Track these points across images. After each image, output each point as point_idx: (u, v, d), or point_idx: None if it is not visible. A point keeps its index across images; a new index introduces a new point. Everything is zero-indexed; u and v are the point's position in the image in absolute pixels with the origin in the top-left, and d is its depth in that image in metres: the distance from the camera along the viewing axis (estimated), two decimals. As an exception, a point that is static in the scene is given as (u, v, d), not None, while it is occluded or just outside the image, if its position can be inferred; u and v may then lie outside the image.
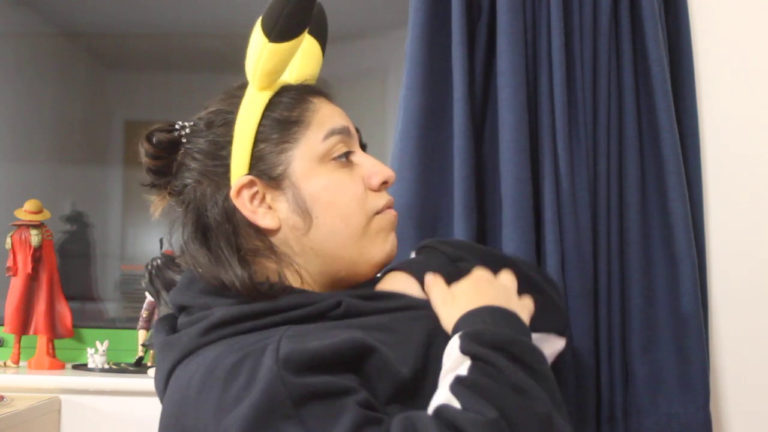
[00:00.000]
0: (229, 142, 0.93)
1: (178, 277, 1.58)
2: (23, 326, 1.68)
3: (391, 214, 0.98)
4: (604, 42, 1.34)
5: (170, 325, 0.96)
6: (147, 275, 1.62)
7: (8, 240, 1.69)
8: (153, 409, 1.52)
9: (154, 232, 2.12)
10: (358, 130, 1.07)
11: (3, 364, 1.70)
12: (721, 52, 1.44)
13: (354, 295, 0.91)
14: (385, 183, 0.97)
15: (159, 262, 1.61)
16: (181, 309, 0.96)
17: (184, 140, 0.96)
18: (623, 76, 1.35)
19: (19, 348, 1.69)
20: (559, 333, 1.03)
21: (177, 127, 0.97)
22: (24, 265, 1.68)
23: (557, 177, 1.29)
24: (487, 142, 1.35)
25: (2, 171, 2.08)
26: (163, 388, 0.92)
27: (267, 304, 0.88)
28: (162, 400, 0.92)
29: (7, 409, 1.39)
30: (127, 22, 2.13)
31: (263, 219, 0.92)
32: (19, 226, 1.70)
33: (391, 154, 1.35)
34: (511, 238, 1.27)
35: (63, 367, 1.68)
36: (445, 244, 1.02)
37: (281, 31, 0.91)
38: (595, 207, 1.33)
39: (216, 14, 2.09)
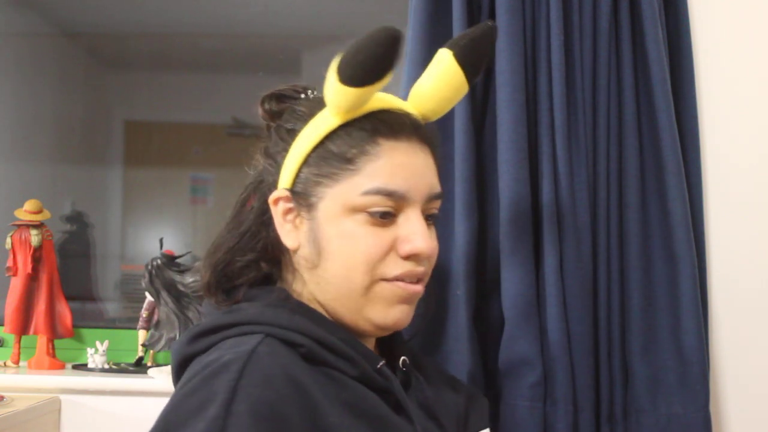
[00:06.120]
0: (288, 150, 0.93)
1: (177, 277, 1.60)
2: (23, 326, 1.68)
3: (402, 287, 0.91)
4: (603, 42, 1.34)
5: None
6: (147, 275, 1.63)
7: (8, 240, 1.69)
8: (153, 409, 1.52)
9: (154, 232, 2.13)
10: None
11: (3, 364, 1.70)
12: (721, 52, 1.44)
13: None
14: (415, 255, 0.90)
15: (159, 262, 1.62)
16: None
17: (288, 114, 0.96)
18: (623, 76, 1.35)
19: (19, 348, 1.69)
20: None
21: (298, 95, 0.97)
22: (24, 265, 1.68)
23: (556, 177, 1.29)
24: (487, 142, 1.35)
25: (2, 171, 2.08)
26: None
27: (239, 315, 0.89)
28: None
29: (7, 409, 1.39)
30: (127, 22, 2.13)
31: (286, 235, 0.93)
32: (19, 226, 1.70)
33: (391, 154, 1.35)
34: (508, 238, 1.27)
35: (63, 367, 1.68)
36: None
37: (349, 77, 0.86)
38: (594, 207, 1.33)
39: (216, 14, 2.09)
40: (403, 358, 0.97)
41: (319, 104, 0.94)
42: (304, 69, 2.03)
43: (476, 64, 0.96)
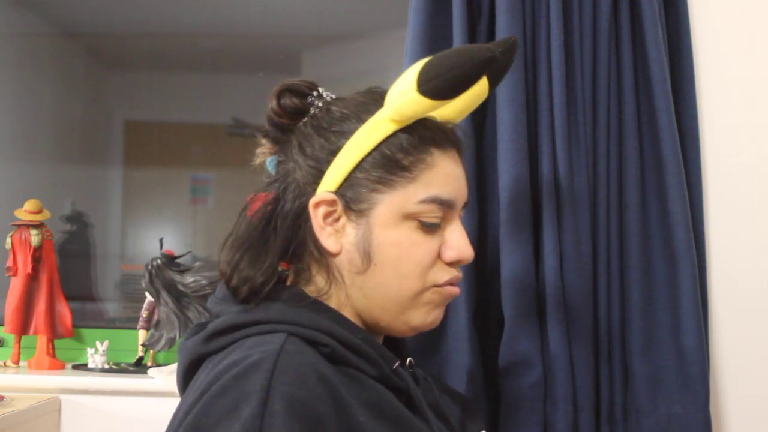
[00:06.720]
0: (335, 152, 0.91)
1: (177, 277, 1.60)
2: (23, 326, 1.68)
3: (447, 291, 0.94)
4: (603, 42, 1.34)
5: (196, 330, 0.95)
6: (147, 275, 1.63)
7: (8, 240, 1.69)
8: (153, 409, 1.54)
9: (154, 232, 2.13)
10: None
11: (3, 364, 1.70)
12: (721, 52, 1.44)
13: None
14: (458, 261, 0.94)
15: (159, 262, 1.62)
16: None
17: (308, 114, 0.94)
18: (623, 77, 1.35)
19: (19, 348, 1.69)
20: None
21: (314, 94, 0.94)
22: (24, 265, 1.68)
23: (556, 177, 1.29)
24: (487, 142, 1.36)
25: (2, 171, 2.09)
26: (180, 390, 0.93)
27: (259, 314, 0.88)
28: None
29: (7, 409, 1.39)
30: (127, 22, 2.13)
31: (327, 239, 0.91)
32: (19, 226, 1.70)
33: (391, 154, 1.35)
34: (509, 238, 1.27)
35: (63, 367, 1.68)
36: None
37: (433, 90, 0.88)
38: (594, 207, 1.33)
39: (216, 14, 2.09)
40: (409, 359, 0.97)
41: (360, 106, 0.93)
42: (304, 69, 2.02)
43: (500, 76, 0.99)
